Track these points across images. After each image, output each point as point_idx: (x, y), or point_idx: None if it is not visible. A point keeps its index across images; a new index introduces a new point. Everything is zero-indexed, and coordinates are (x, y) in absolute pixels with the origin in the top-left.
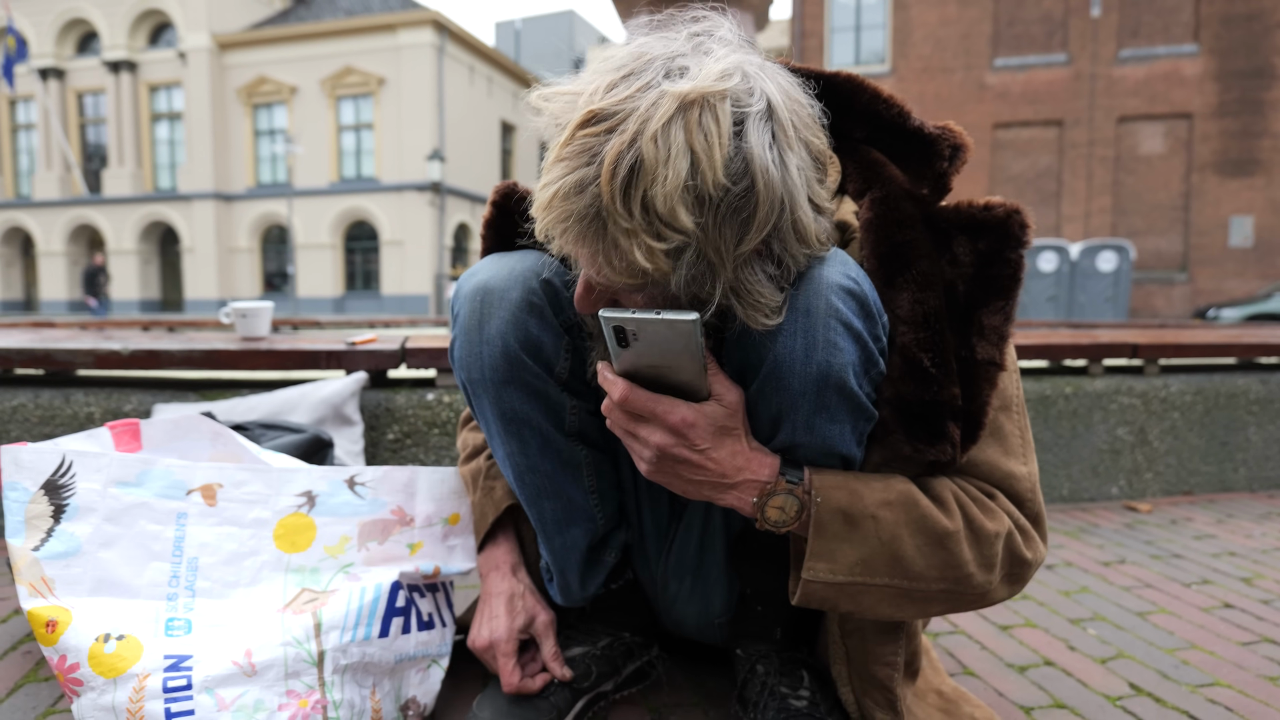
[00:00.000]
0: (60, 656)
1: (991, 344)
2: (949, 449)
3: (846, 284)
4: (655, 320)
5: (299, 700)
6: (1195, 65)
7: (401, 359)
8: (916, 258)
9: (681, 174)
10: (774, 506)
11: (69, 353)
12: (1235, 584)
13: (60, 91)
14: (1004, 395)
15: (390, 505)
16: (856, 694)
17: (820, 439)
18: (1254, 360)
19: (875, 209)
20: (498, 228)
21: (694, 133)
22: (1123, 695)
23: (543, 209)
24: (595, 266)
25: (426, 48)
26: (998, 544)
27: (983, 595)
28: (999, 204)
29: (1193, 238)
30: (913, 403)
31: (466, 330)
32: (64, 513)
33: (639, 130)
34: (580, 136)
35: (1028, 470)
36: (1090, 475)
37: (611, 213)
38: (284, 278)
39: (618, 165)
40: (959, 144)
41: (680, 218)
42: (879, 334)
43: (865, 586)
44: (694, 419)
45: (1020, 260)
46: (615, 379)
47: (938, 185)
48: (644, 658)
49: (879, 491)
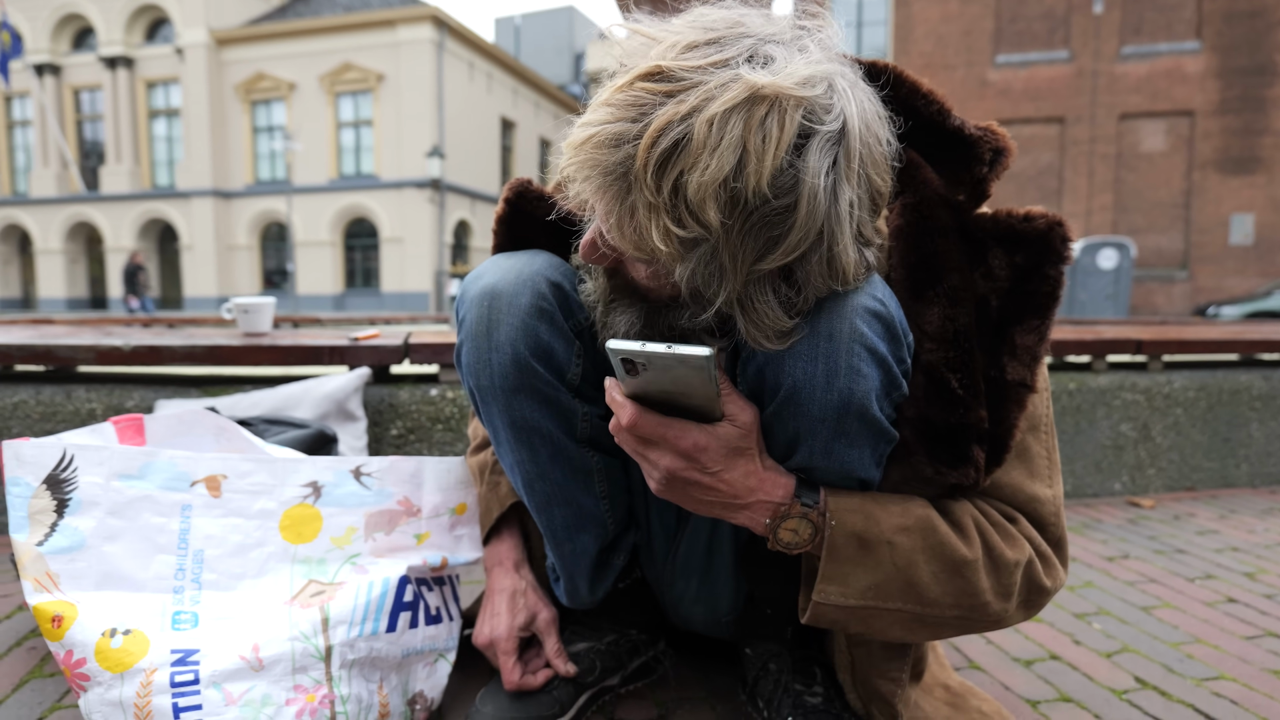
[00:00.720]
0: (67, 652)
1: (1023, 365)
2: (972, 473)
3: (872, 306)
4: (666, 355)
5: (306, 695)
6: (1197, 62)
7: (405, 354)
8: (948, 270)
9: (725, 168)
10: (787, 529)
11: (70, 349)
12: (1239, 579)
13: (56, 88)
14: (1033, 416)
15: (397, 496)
16: (863, 700)
17: (839, 463)
18: (1256, 357)
19: (907, 215)
20: (511, 224)
21: (753, 131)
22: (1128, 689)
23: (573, 148)
24: (608, 225)
25: (426, 44)
26: (1017, 573)
27: (997, 621)
28: (1040, 215)
29: (1193, 235)
30: (937, 425)
31: (474, 336)
32: (67, 507)
33: (697, 107)
34: (638, 87)
35: (1053, 493)
36: (1094, 471)
37: (640, 180)
38: (283, 275)
39: (662, 134)
40: (1001, 147)
41: (707, 212)
42: (903, 356)
43: (877, 610)
44: (706, 443)
45: (1060, 277)
46: (624, 402)
47: (975, 191)
48: (650, 653)
49: (896, 516)
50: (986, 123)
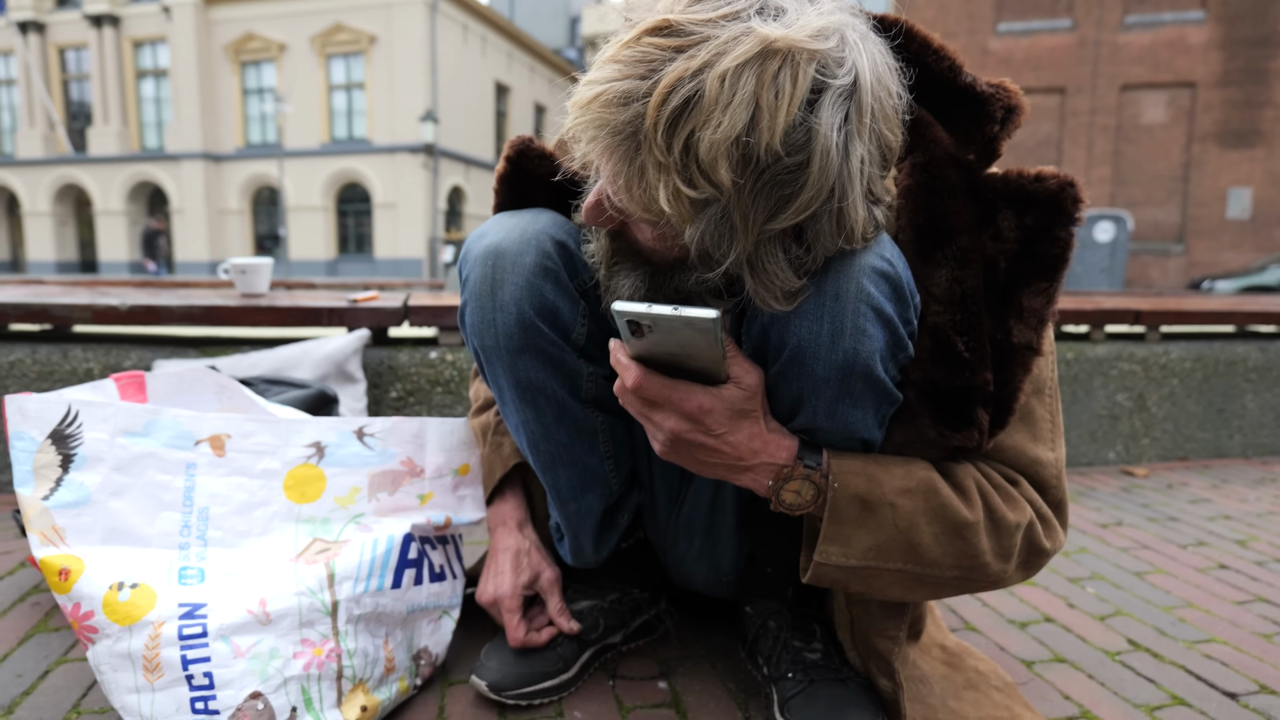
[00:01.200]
0: (74, 605)
1: (1030, 328)
2: (976, 435)
3: (880, 265)
4: (672, 317)
5: (314, 649)
6: (1201, 33)
7: (404, 317)
8: (957, 232)
9: (738, 126)
10: (790, 491)
11: (66, 308)
12: (1230, 546)
13: (41, 46)
14: (1038, 380)
15: (400, 456)
16: (862, 658)
17: (842, 424)
18: (1252, 329)
19: (916, 175)
20: (512, 184)
21: (766, 86)
22: (1121, 650)
23: (579, 107)
24: (614, 187)
25: (419, 5)
26: (1017, 535)
27: (996, 581)
28: (1051, 175)
29: (1191, 209)
30: (942, 387)
31: (479, 296)
32: (72, 462)
33: (709, 61)
34: (645, 43)
35: (1055, 456)
36: (1089, 440)
37: (650, 140)
38: (275, 240)
39: (673, 91)
40: (1013, 104)
41: (720, 171)
42: (910, 317)
43: (877, 570)
44: (710, 405)
45: (1070, 239)
46: (629, 364)
47: (986, 150)
48: (652, 611)
49: (899, 478)
50: (999, 79)
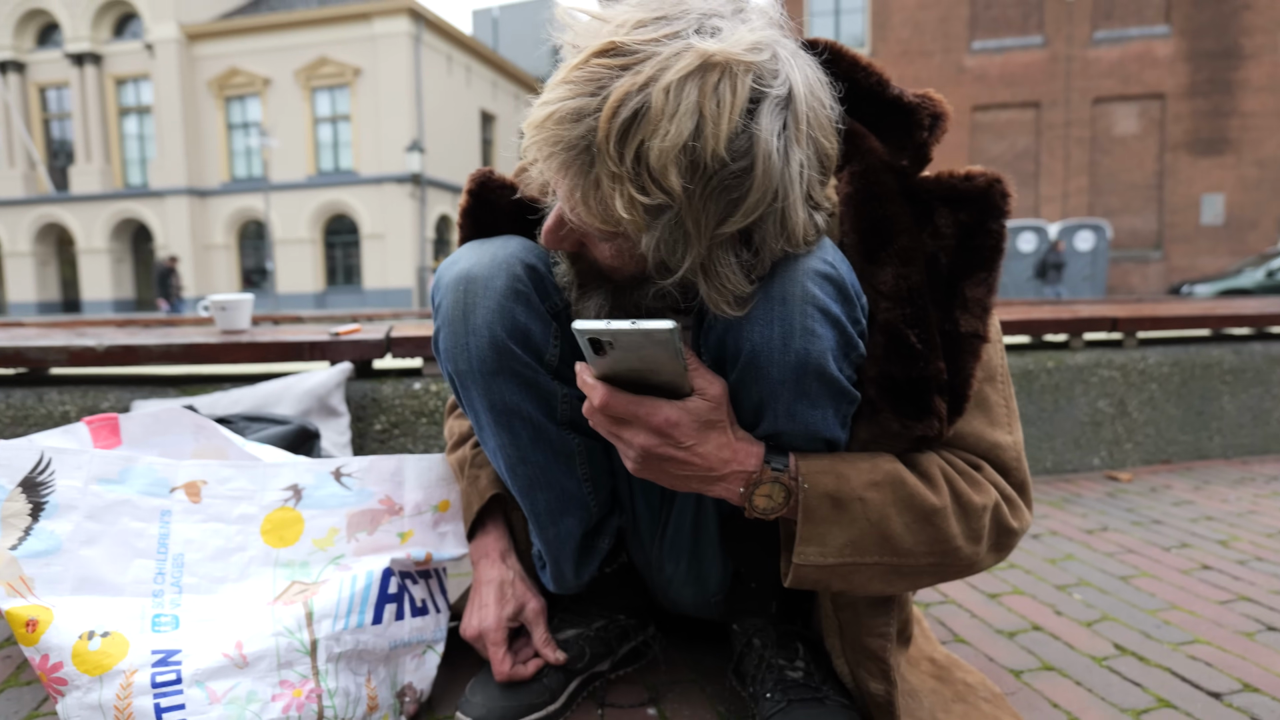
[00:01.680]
0: (42, 656)
1: (975, 316)
2: (936, 424)
3: (823, 269)
4: (631, 331)
5: (293, 690)
6: (1167, 46)
7: (387, 349)
8: (898, 232)
9: (684, 133)
10: (761, 495)
11: (41, 350)
12: (1213, 546)
13: (21, 85)
14: (988, 366)
15: (378, 495)
16: (851, 665)
17: (803, 425)
18: (1227, 332)
19: (855, 183)
20: (476, 216)
21: (708, 96)
22: (1108, 655)
23: (534, 127)
24: (571, 203)
25: (403, 37)
26: (985, 516)
27: (970, 565)
28: (980, 174)
29: (1167, 216)
30: (899, 380)
31: (451, 321)
32: (43, 510)
33: (653, 76)
34: (594, 64)
35: (1013, 439)
36: (1072, 447)
37: (602, 152)
38: (263, 274)
39: (622, 105)
40: (938, 112)
41: (670, 177)
42: (858, 317)
43: (856, 566)
44: (677, 418)
45: (1002, 230)
46: (594, 383)
47: (917, 156)
48: (640, 637)
49: (866, 473)
50: (923, 90)
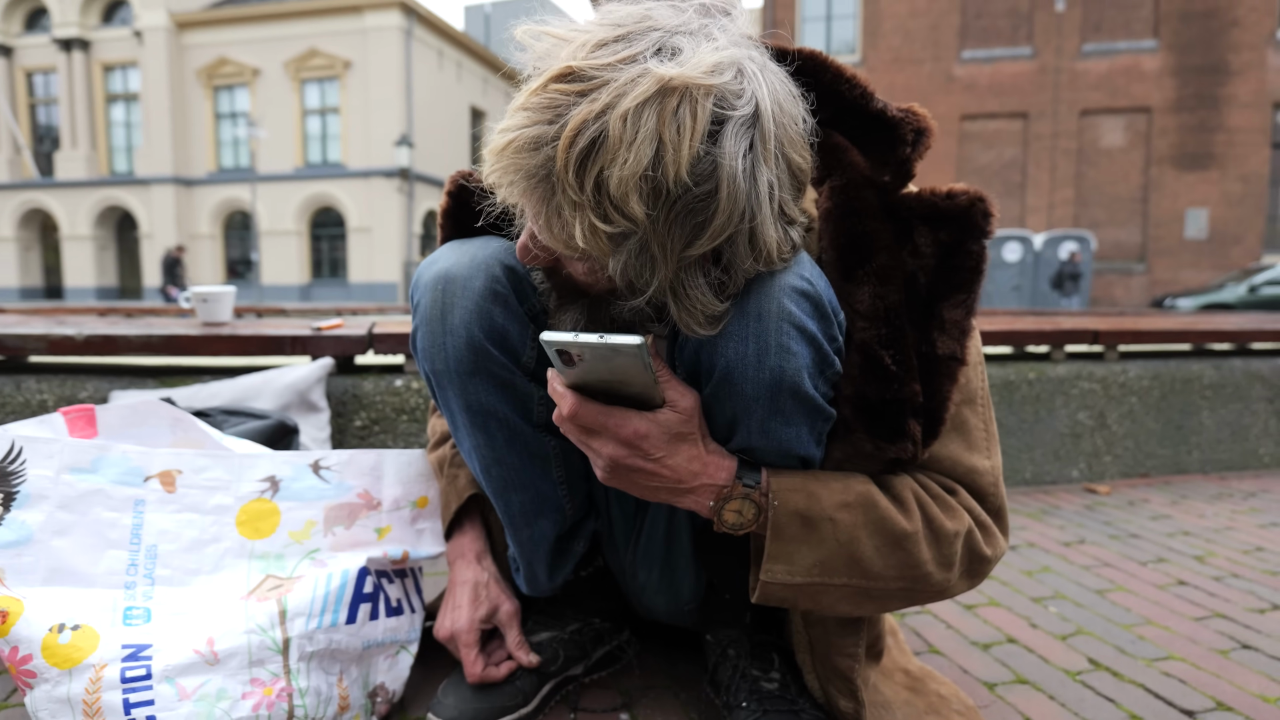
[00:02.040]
0: (11, 648)
1: (953, 338)
2: (910, 447)
3: (800, 285)
4: (599, 345)
5: (263, 688)
6: (1155, 60)
7: (369, 345)
8: (877, 250)
9: (643, 161)
10: (731, 510)
11: (20, 338)
12: (1189, 562)
13: (8, 70)
14: (967, 389)
15: (356, 489)
16: (821, 681)
17: (776, 442)
18: (1207, 347)
19: (835, 198)
20: (456, 217)
21: (667, 122)
22: (1082, 670)
23: (494, 154)
24: (537, 226)
25: (394, 30)
26: (957, 543)
27: (941, 591)
28: (962, 192)
29: (1151, 229)
30: (874, 401)
31: (429, 320)
32: (14, 500)
33: (610, 104)
34: (551, 89)
35: (991, 464)
36: (1052, 459)
37: (562, 181)
38: (248, 265)
39: (579, 134)
40: (922, 128)
41: (631, 205)
42: (835, 334)
43: (824, 586)
44: (646, 430)
45: (982, 252)
46: (564, 392)
47: (900, 171)
48: (614, 641)
49: (837, 493)
50: (908, 105)
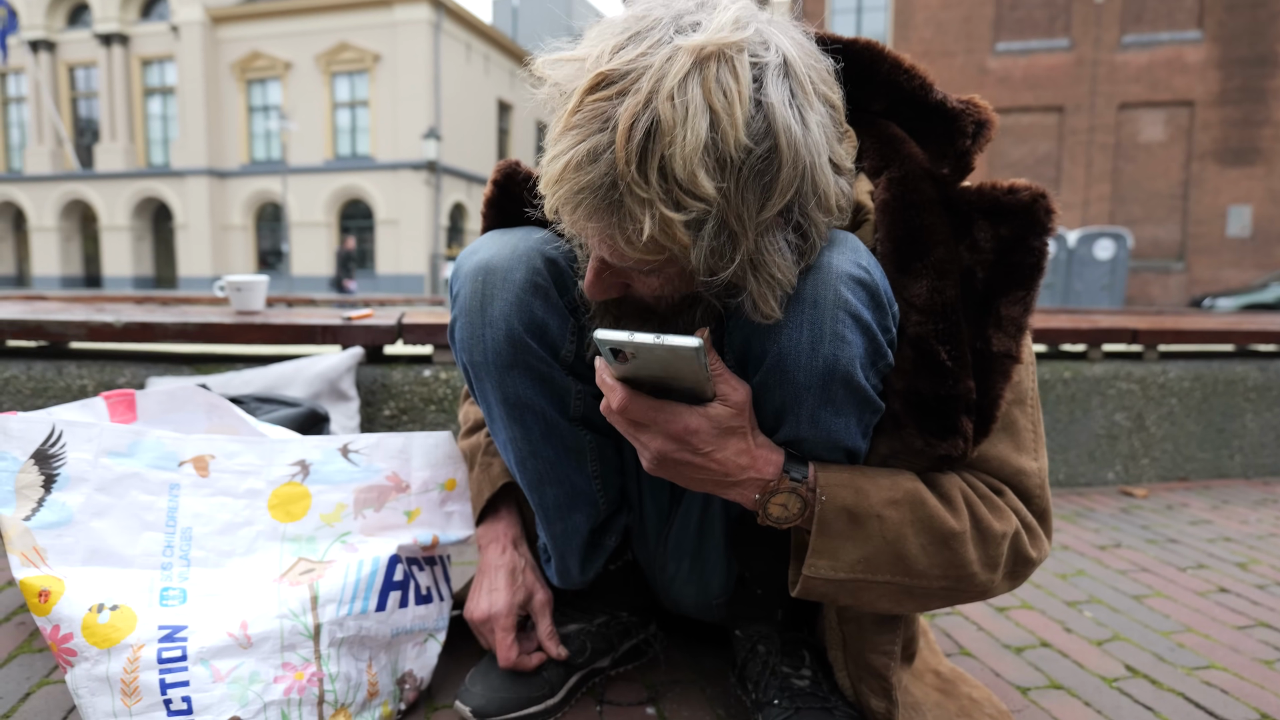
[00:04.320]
0: (53, 627)
1: (1009, 336)
2: (961, 444)
3: (856, 273)
4: (656, 346)
5: (295, 673)
6: (1198, 52)
7: (398, 335)
8: (934, 244)
9: (701, 134)
10: (777, 504)
11: (61, 325)
12: (1230, 569)
13: (51, 64)
14: (1019, 389)
15: (385, 471)
16: (853, 680)
17: (825, 433)
18: (1252, 348)
19: (892, 189)
20: (500, 207)
21: (712, 89)
22: (1119, 677)
23: (552, 183)
24: (609, 245)
25: (423, 24)
26: (1004, 544)
27: (984, 592)
28: (1024, 187)
29: (1191, 226)
30: (926, 396)
31: (468, 311)
32: (55, 482)
33: (654, 89)
34: (590, 102)
35: (1038, 466)
36: (1087, 460)
37: (627, 181)
38: (278, 256)
39: (633, 128)
40: (983, 120)
41: (700, 183)
42: (889, 325)
43: (866, 583)
44: (697, 425)
45: (1044, 248)
46: (614, 385)
47: (959, 164)
48: (641, 635)
49: (885, 490)
50: (968, 96)
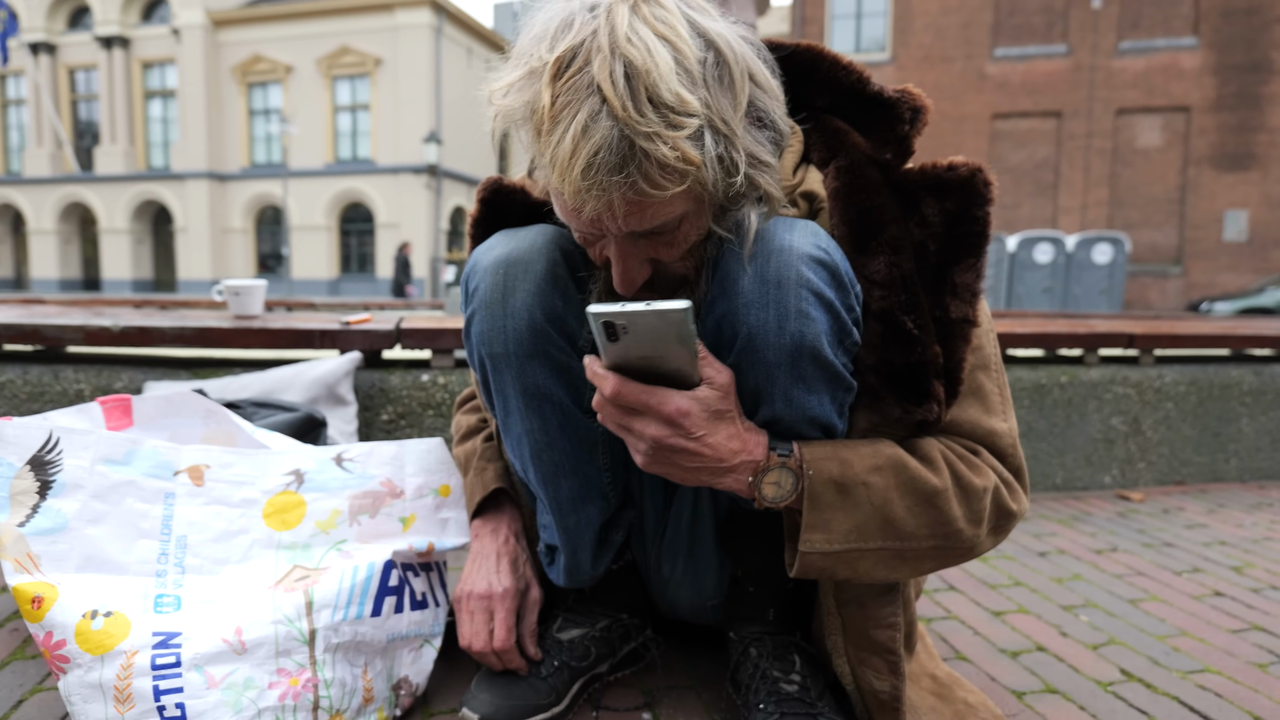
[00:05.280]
0: (46, 633)
1: (965, 301)
2: (935, 408)
3: (817, 254)
4: (646, 312)
5: (290, 679)
6: (1194, 58)
7: (397, 339)
8: (885, 222)
9: (668, 59)
10: (770, 483)
11: (58, 329)
12: (1226, 573)
13: (51, 67)
14: (981, 354)
15: (379, 477)
16: (853, 664)
17: (800, 410)
18: (1247, 352)
19: (841, 178)
20: (488, 226)
21: (655, 23)
22: (1114, 681)
23: (564, 165)
24: (633, 202)
25: (424, 28)
26: (985, 498)
27: (971, 548)
28: (962, 164)
29: (1188, 231)
30: (898, 366)
31: (489, 304)
32: (50, 489)
33: (612, 42)
34: (563, 85)
35: (1008, 426)
36: (1084, 464)
37: (629, 123)
38: (278, 259)
39: (612, 78)
40: (918, 105)
41: (685, 98)
42: (852, 304)
43: (860, 552)
44: (688, 407)
45: (987, 217)
46: (605, 373)
47: (900, 149)
48: (639, 638)
49: (868, 458)
50: (902, 85)
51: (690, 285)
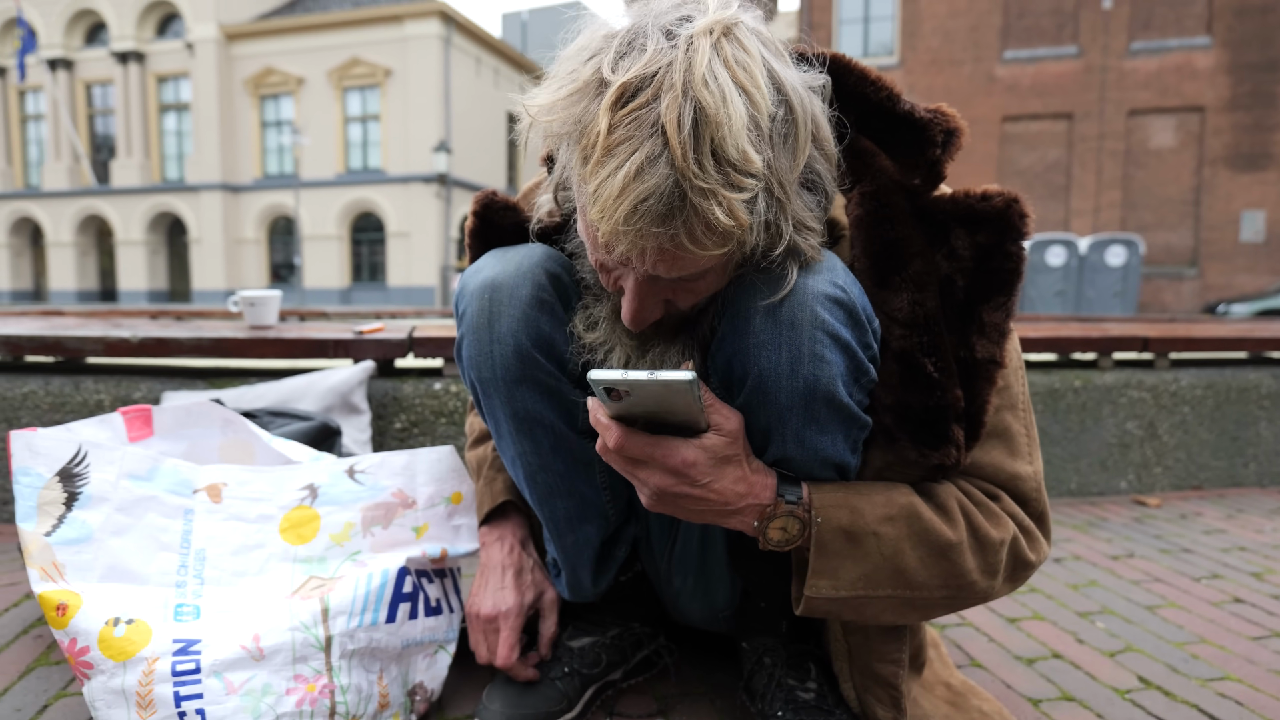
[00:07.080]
0: (70, 640)
1: (992, 341)
2: (954, 453)
3: (833, 293)
4: (651, 382)
5: (306, 684)
6: (1208, 58)
7: (409, 348)
8: (910, 256)
9: (742, 112)
10: (776, 529)
11: (79, 340)
12: (1245, 579)
13: (69, 82)
14: (1008, 394)
15: (391, 489)
16: (858, 690)
17: (812, 451)
18: (1266, 355)
19: (866, 204)
20: (484, 237)
21: (734, 67)
22: (1131, 688)
23: (610, 203)
24: (669, 255)
25: (433, 39)
26: (1002, 551)
27: (984, 597)
28: (997, 193)
29: (1203, 232)
30: (916, 409)
31: (475, 329)
32: (77, 500)
33: (686, 81)
34: (624, 116)
35: (1033, 469)
36: (1099, 469)
37: (687, 176)
38: (291, 269)
39: (681, 121)
40: (952, 128)
41: (751, 159)
42: (869, 341)
43: (868, 599)
44: (694, 458)
45: (1021, 253)
46: (609, 424)
47: (931, 174)
48: (651, 646)
49: (880, 506)
50: (936, 105)
51: (700, 318)
